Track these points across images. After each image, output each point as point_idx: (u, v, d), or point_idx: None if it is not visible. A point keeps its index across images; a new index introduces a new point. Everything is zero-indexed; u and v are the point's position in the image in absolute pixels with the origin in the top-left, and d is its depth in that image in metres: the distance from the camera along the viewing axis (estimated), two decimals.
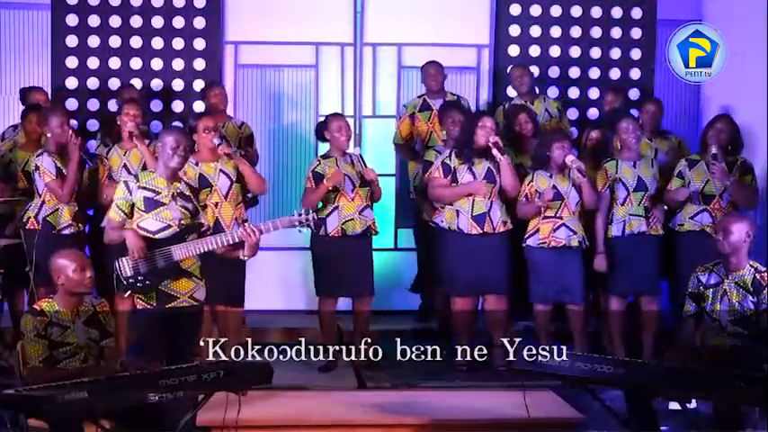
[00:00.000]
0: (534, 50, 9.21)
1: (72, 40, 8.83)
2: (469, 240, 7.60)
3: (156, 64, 8.91)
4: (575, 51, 9.25)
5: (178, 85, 8.93)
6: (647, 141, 8.14)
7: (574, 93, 9.24)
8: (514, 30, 9.20)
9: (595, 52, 9.27)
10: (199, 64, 8.94)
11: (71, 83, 8.83)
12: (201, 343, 5.64)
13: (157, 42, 8.90)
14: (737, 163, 7.68)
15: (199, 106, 8.85)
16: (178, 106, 8.91)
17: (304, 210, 6.15)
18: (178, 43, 8.92)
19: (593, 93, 9.26)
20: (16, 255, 7.45)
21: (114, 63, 8.87)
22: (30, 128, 7.93)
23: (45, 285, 7.06)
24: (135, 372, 5.31)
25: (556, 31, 9.23)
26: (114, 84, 8.85)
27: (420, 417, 6.02)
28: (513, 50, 9.20)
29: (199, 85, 8.90)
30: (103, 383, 4.97)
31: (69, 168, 7.41)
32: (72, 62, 8.84)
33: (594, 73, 9.27)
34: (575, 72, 9.24)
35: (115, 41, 8.87)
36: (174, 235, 5.99)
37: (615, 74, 9.27)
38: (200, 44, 8.94)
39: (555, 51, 9.23)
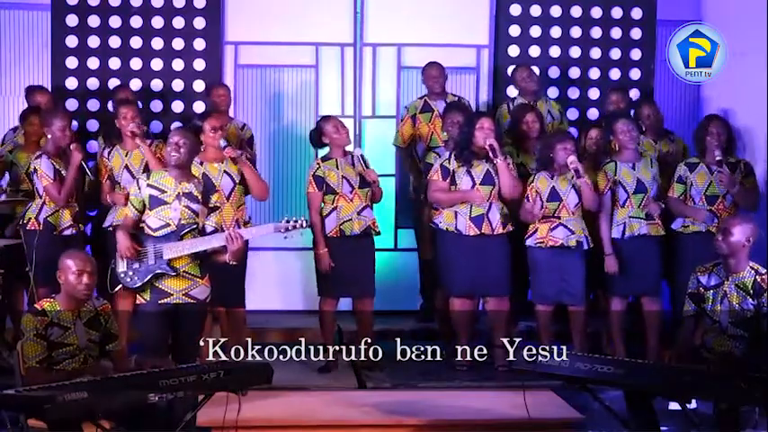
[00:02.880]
0: (534, 51, 9.21)
1: (72, 41, 8.83)
2: (467, 241, 7.60)
3: (156, 64, 8.90)
4: (575, 52, 9.24)
5: (178, 85, 8.92)
6: (650, 142, 8.15)
7: (574, 93, 9.23)
8: (514, 30, 9.19)
9: (595, 53, 9.26)
10: (199, 64, 8.93)
11: (71, 83, 8.82)
12: (202, 343, 5.68)
13: (157, 43, 8.90)
14: (740, 166, 7.70)
15: (199, 106, 8.85)
16: (178, 107, 8.90)
17: (294, 217, 6.32)
18: (178, 43, 8.91)
19: (594, 93, 9.25)
20: (16, 255, 7.45)
21: (114, 63, 8.86)
22: (29, 129, 7.91)
23: (45, 286, 7.08)
24: (144, 370, 5.33)
25: (556, 32, 9.22)
26: (115, 84, 8.83)
27: (420, 417, 6.01)
28: (513, 51, 9.19)
29: (199, 85, 8.90)
30: (103, 383, 4.97)
31: (68, 172, 7.41)
32: (72, 62, 8.83)
33: (594, 73, 9.27)
34: (575, 72, 9.23)
35: (115, 42, 8.86)
36: (171, 233, 6.19)
37: (615, 74, 9.27)
38: (200, 44, 8.94)
39: (555, 52, 9.22)
